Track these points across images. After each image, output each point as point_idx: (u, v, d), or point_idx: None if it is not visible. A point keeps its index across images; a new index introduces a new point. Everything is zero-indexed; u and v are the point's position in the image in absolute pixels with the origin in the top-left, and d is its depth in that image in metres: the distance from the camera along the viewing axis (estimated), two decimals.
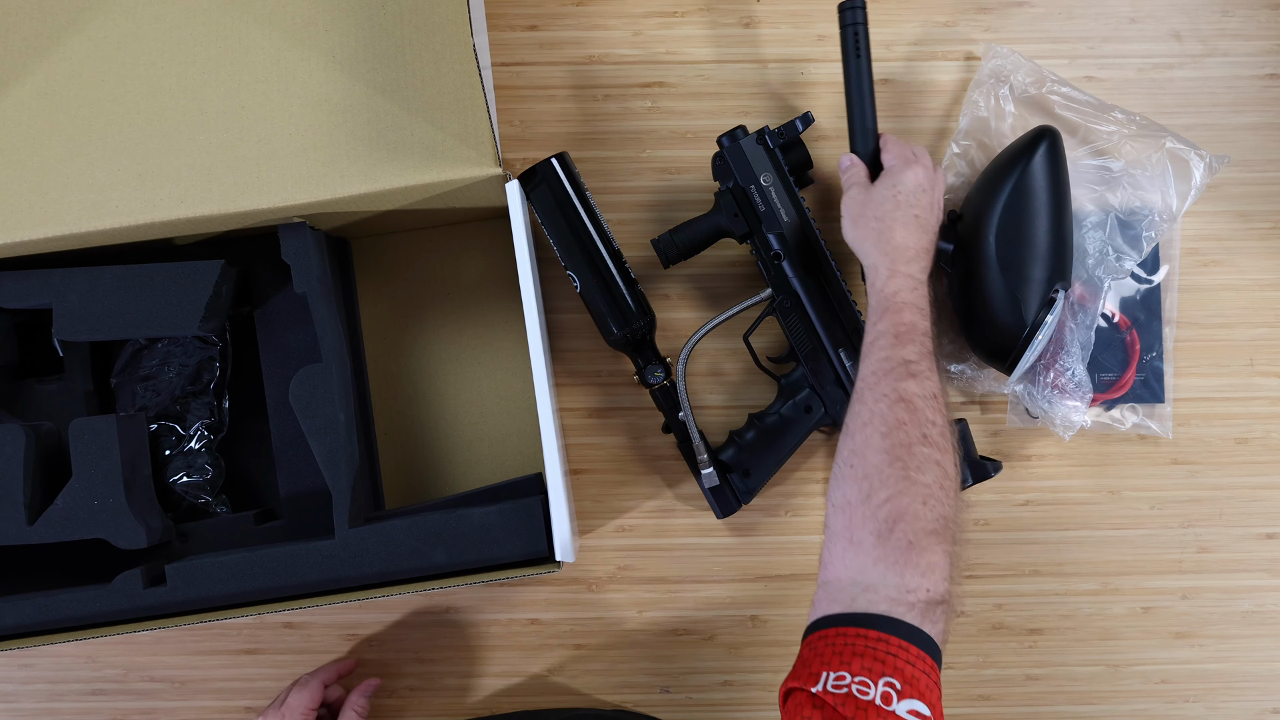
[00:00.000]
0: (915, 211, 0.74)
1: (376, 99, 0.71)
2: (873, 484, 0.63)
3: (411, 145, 0.71)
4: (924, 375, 0.67)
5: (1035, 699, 0.88)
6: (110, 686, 0.87)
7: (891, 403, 0.65)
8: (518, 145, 0.88)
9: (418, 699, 0.87)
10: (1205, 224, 0.88)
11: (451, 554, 0.71)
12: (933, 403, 0.66)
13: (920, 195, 0.75)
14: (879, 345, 0.69)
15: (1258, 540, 0.88)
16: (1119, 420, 0.86)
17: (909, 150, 0.78)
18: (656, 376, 0.82)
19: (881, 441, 0.64)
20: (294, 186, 0.70)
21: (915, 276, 0.72)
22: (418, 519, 0.72)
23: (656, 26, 0.88)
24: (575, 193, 0.81)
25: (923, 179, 0.76)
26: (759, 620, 0.88)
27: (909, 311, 0.70)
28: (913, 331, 0.69)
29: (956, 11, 0.88)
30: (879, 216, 0.74)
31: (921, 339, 0.69)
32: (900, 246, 0.73)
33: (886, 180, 0.76)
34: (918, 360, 0.67)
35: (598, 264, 0.81)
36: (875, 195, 0.75)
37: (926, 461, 0.63)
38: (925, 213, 0.75)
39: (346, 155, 0.71)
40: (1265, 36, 0.88)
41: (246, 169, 0.71)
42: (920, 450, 0.64)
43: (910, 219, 0.74)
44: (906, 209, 0.74)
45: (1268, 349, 0.88)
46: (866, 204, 0.75)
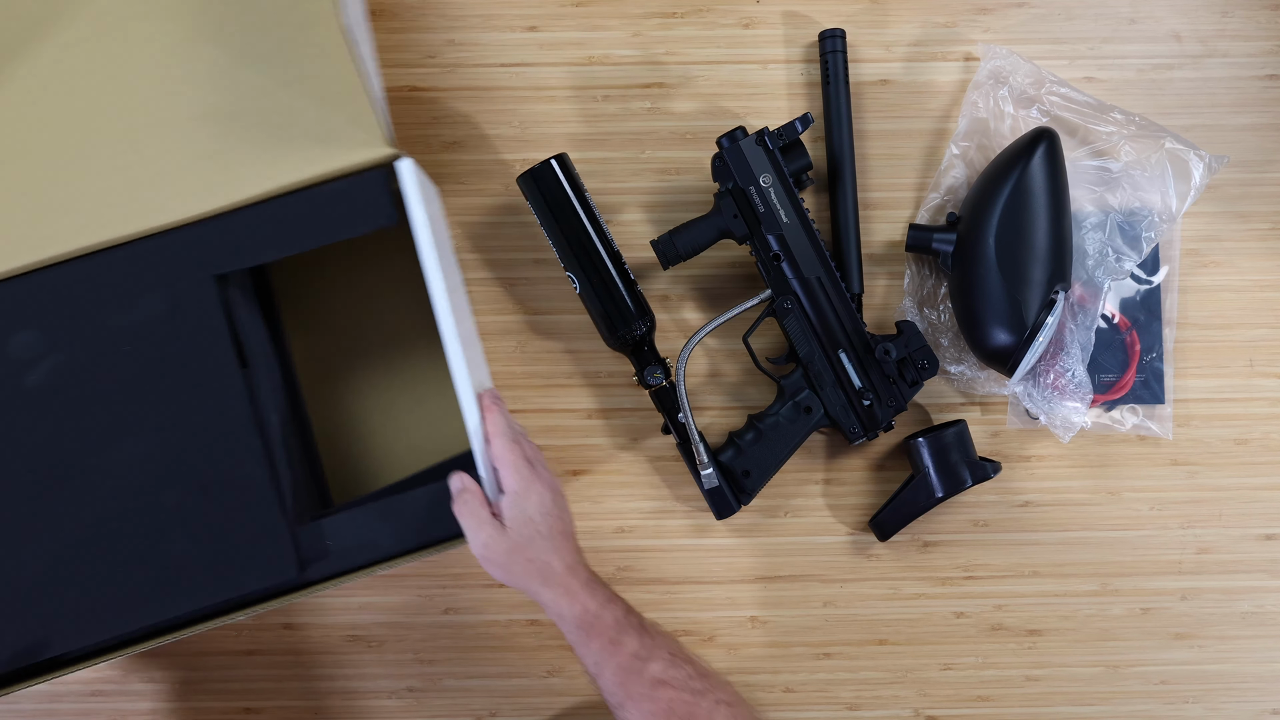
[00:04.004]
0: (559, 530, 0.71)
1: (262, 101, 0.71)
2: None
3: (302, 140, 0.71)
4: (655, 651, 0.70)
5: (1035, 700, 0.88)
6: (110, 687, 0.87)
7: (652, 696, 0.69)
8: (517, 146, 0.88)
9: (418, 699, 0.87)
10: (1205, 224, 0.88)
11: (400, 538, 0.72)
12: (676, 663, 0.70)
13: (551, 513, 0.71)
14: (605, 659, 0.70)
15: (1257, 541, 0.88)
16: (1119, 421, 0.87)
17: (520, 459, 0.71)
18: (656, 378, 0.82)
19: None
20: (192, 199, 0.70)
21: (585, 579, 0.71)
22: (361, 509, 0.72)
23: (656, 27, 0.88)
24: (574, 194, 0.81)
25: (547, 498, 0.71)
26: (759, 621, 0.88)
27: (605, 612, 0.70)
28: (619, 625, 0.70)
29: (956, 12, 0.88)
30: (530, 559, 0.69)
31: (626, 622, 0.71)
32: (563, 570, 0.70)
33: (517, 515, 0.69)
34: (640, 645, 0.70)
35: (597, 265, 0.81)
36: (515, 537, 0.69)
37: (712, 709, 0.70)
38: (563, 523, 0.72)
39: (239, 160, 0.70)
40: (1265, 37, 0.88)
41: (142, 190, 0.70)
42: (700, 707, 0.69)
43: (559, 542, 0.71)
44: (549, 537, 0.70)
45: (1267, 350, 0.88)
46: (511, 550, 0.69)
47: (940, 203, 0.87)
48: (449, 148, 0.88)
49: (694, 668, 0.71)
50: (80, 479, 0.70)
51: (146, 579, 0.70)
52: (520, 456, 0.71)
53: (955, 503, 0.87)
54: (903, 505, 0.84)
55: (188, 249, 0.71)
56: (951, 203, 0.87)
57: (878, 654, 0.88)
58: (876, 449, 0.88)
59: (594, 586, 0.71)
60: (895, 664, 0.88)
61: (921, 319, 0.86)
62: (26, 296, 0.70)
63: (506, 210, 0.88)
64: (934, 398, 0.88)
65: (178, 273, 0.71)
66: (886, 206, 0.88)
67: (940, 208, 0.87)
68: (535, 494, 0.70)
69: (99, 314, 0.71)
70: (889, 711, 0.88)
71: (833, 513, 0.88)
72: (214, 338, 0.71)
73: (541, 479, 0.71)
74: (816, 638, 0.88)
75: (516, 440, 0.71)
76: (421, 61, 0.88)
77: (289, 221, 0.71)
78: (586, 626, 0.70)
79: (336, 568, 0.72)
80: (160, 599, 0.70)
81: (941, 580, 0.88)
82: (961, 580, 0.88)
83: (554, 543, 0.70)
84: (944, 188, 0.86)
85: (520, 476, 0.70)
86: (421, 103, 0.88)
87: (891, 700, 0.88)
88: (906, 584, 0.88)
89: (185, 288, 0.71)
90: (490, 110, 0.88)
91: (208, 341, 0.71)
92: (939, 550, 0.88)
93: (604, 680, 0.70)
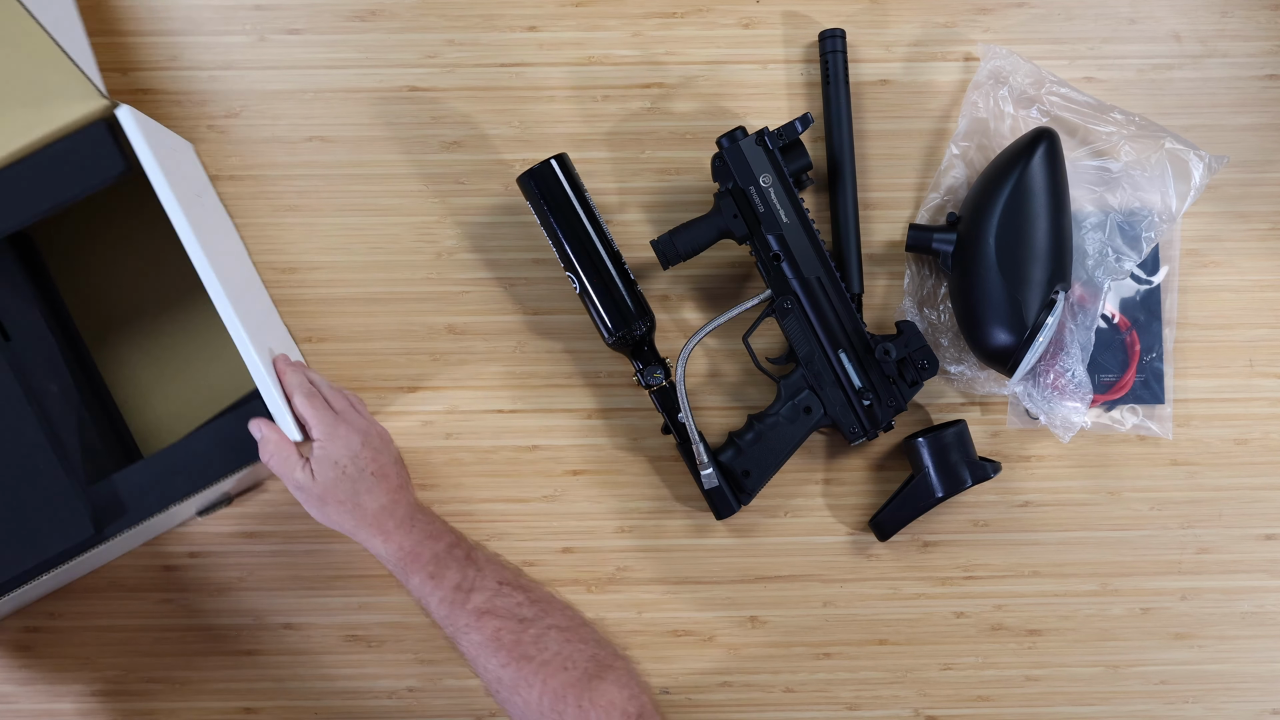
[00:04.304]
0: (371, 472, 0.72)
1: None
2: (524, 695, 0.69)
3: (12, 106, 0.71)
4: (479, 582, 0.72)
5: (1035, 700, 0.88)
6: (109, 687, 0.87)
7: (478, 626, 0.70)
8: (517, 146, 0.88)
9: (418, 700, 0.87)
10: (1205, 224, 0.88)
11: (192, 479, 0.74)
12: (503, 592, 0.72)
13: (359, 455, 0.72)
14: (427, 593, 0.71)
15: (1257, 541, 0.88)
16: (1119, 421, 0.87)
17: (321, 409, 0.73)
18: (656, 378, 0.82)
19: (498, 659, 0.70)
20: None
21: (402, 518, 0.73)
22: (152, 459, 0.74)
23: (656, 27, 0.88)
24: (574, 194, 0.81)
25: (355, 441, 0.72)
26: (759, 621, 0.88)
27: (423, 547, 0.72)
28: (439, 559, 0.72)
29: (956, 12, 0.88)
30: (340, 500, 0.71)
31: (448, 555, 0.72)
32: (375, 511, 0.72)
33: (323, 460, 0.71)
34: (463, 577, 0.72)
35: (597, 265, 0.81)
36: (323, 480, 0.71)
37: (540, 636, 0.70)
38: (376, 464, 0.73)
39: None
40: (1265, 37, 0.88)
41: None
42: (527, 634, 0.70)
43: (369, 484, 0.72)
44: (358, 478, 0.72)
45: (1267, 350, 0.88)
46: (323, 494, 0.71)
47: (940, 203, 0.87)
48: (449, 148, 0.88)
49: (525, 595, 0.72)
50: None
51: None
52: (320, 407, 0.73)
53: (955, 503, 0.87)
54: (903, 505, 0.84)
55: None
56: (951, 203, 0.87)
57: (878, 654, 0.88)
58: (876, 449, 0.88)
59: (412, 523, 0.73)
60: (895, 664, 0.88)
61: (921, 319, 0.86)
62: None
63: (506, 210, 0.88)
64: (934, 398, 0.88)
65: None
66: (886, 206, 0.88)
67: (940, 208, 0.87)
68: (340, 439, 0.72)
69: None
70: (889, 711, 0.88)
71: (833, 513, 0.88)
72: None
73: (349, 423, 0.73)
74: (816, 638, 0.88)
75: (313, 394, 0.74)
76: (421, 61, 0.88)
77: (19, 188, 0.72)
78: (404, 562, 0.72)
79: (134, 517, 0.73)
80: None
81: (941, 580, 0.88)
82: (961, 580, 0.88)
83: (363, 484, 0.72)
84: (944, 188, 0.86)
85: (323, 425, 0.72)
86: (421, 103, 0.88)
87: (891, 700, 0.88)
88: (906, 584, 0.88)
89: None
90: (490, 110, 0.88)
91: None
92: (939, 550, 0.88)
93: (432, 614, 0.72)
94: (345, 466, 0.72)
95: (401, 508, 0.73)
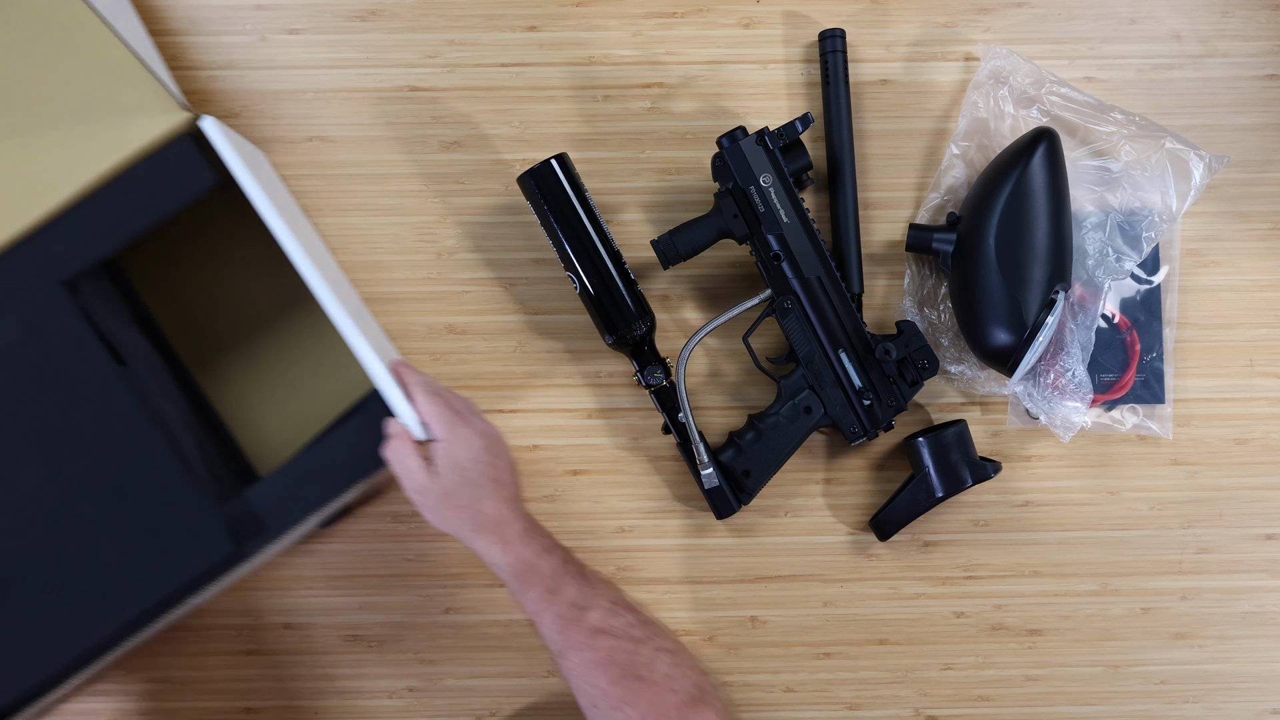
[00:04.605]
0: (491, 477, 0.71)
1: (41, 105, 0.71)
2: (626, 714, 0.68)
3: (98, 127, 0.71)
4: (594, 600, 0.71)
5: (1035, 699, 0.88)
6: (110, 687, 0.87)
7: (591, 644, 0.69)
8: (517, 146, 0.88)
9: (418, 700, 0.87)
10: (1205, 224, 0.88)
11: (325, 488, 0.72)
12: (616, 611, 0.71)
13: (481, 460, 0.70)
14: (543, 607, 0.70)
15: (1258, 541, 0.88)
16: (1119, 421, 0.87)
17: (445, 409, 0.71)
18: (656, 378, 0.82)
19: (607, 676, 0.69)
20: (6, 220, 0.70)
21: (520, 529, 0.71)
22: (281, 471, 0.72)
23: (656, 27, 0.88)
24: (575, 193, 0.81)
25: (477, 444, 0.70)
26: (759, 621, 0.88)
27: (542, 562, 0.71)
28: (557, 574, 0.71)
29: (956, 12, 0.88)
30: (461, 505, 0.70)
31: (564, 571, 0.71)
32: (495, 519, 0.70)
33: (447, 461, 0.70)
34: (579, 594, 0.71)
35: (597, 265, 0.81)
36: (446, 483, 0.69)
37: (652, 657, 0.69)
38: (495, 470, 0.71)
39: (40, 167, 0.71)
40: (1265, 37, 0.88)
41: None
42: (640, 654, 0.69)
43: (489, 489, 0.70)
44: (479, 484, 0.70)
45: (1268, 350, 0.88)
46: (443, 496, 0.70)
47: (940, 203, 0.87)
48: (449, 148, 0.88)
49: (635, 616, 0.71)
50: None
51: (86, 595, 0.70)
52: (444, 407, 0.71)
53: (955, 503, 0.87)
54: (903, 505, 0.84)
55: (21, 266, 0.71)
56: (951, 203, 0.87)
57: (878, 654, 0.88)
58: (876, 449, 0.88)
59: (530, 535, 0.71)
60: (895, 664, 0.88)
61: (921, 319, 0.86)
62: None
63: (506, 210, 0.88)
64: (934, 398, 0.88)
65: (20, 291, 0.71)
66: (886, 206, 0.88)
67: (940, 208, 0.87)
68: (463, 441, 0.70)
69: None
70: (889, 711, 0.88)
71: (833, 513, 0.88)
72: (81, 343, 0.71)
73: (471, 426, 0.71)
74: (816, 638, 0.88)
75: (437, 393, 0.72)
76: (421, 61, 0.88)
77: (112, 210, 0.71)
78: (522, 575, 0.70)
79: (273, 532, 0.72)
80: (105, 610, 0.70)
81: (941, 580, 0.88)
82: (961, 580, 0.88)
83: (485, 489, 0.70)
84: (944, 188, 0.86)
85: (447, 426, 0.70)
86: (421, 103, 0.88)
87: (891, 700, 0.88)
88: (906, 584, 0.88)
89: (34, 304, 0.71)
90: (490, 110, 0.88)
91: (76, 349, 0.71)
92: (939, 550, 0.88)
93: (544, 629, 0.70)
94: (467, 469, 0.70)
95: (520, 518, 0.72)
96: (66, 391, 0.71)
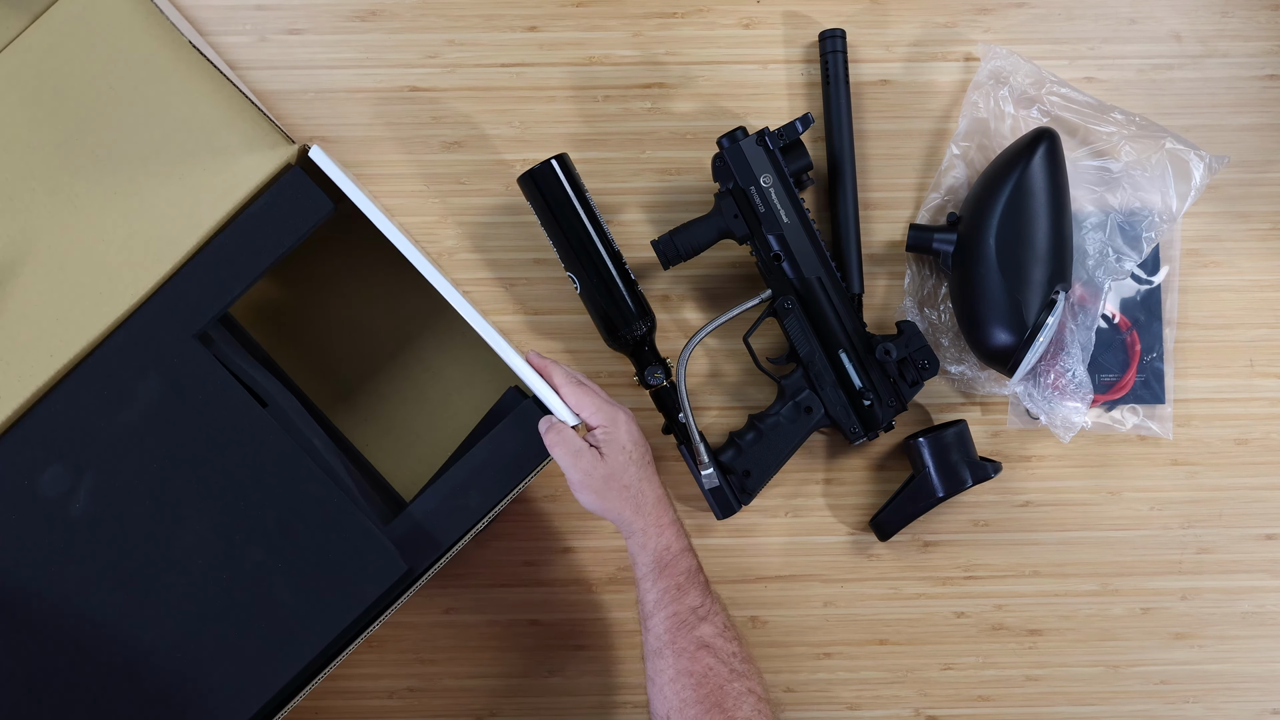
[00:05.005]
0: (649, 459, 0.73)
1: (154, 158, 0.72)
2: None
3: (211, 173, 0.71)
4: (712, 614, 0.71)
5: (1035, 700, 0.88)
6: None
7: (694, 654, 0.69)
8: (517, 146, 0.88)
9: (418, 700, 0.87)
10: (1205, 224, 0.88)
11: (485, 494, 0.72)
12: (727, 635, 0.71)
13: (641, 443, 0.73)
14: (665, 601, 0.70)
15: (1258, 541, 0.88)
16: (1119, 421, 0.87)
17: (601, 400, 0.73)
18: (656, 378, 0.82)
19: (695, 693, 0.68)
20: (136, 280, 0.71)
21: (673, 519, 0.72)
22: (437, 485, 0.72)
23: (656, 27, 0.88)
24: (575, 194, 0.81)
25: (633, 427, 0.73)
26: (759, 621, 0.88)
27: (683, 558, 0.71)
28: (691, 575, 0.71)
29: (956, 12, 0.88)
30: (626, 485, 0.71)
31: (698, 577, 0.72)
32: (654, 501, 0.72)
33: (611, 443, 0.71)
34: (702, 603, 0.71)
35: (598, 265, 0.81)
36: (613, 464, 0.71)
37: (741, 695, 0.68)
38: (648, 455, 0.74)
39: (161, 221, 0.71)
40: (1265, 37, 0.88)
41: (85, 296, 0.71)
42: (732, 687, 0.68)
43: (649, 471, 0.73)
44: (642, 465, 0.72)
45: (1268, 350, 0.88)
46: (609, 476, 0.71)
47: (940, 203, 0.87)
48: (449, 148, 0.88)
49: (741, 649, 0.71)
50: (164, 579, 0.70)
51: (269, 638, 0.70)
52: (592, 393, 0.73)
53: (955, 503, 0.87)
54: (903, 505, 0.84)
55: (157, 324, 0.71)
56: (952, 203, 0.87)
57: (878, 654, 0.88)
58: (877, 449, 0.88)
59: (680, 527, 0.72)
60: (895, 664, 0.88)
61: (922, 319, 0.86)
62: (33, 435, 0.70)
63: (506, 210, 0.88)
64: (934, 398, 0.88)
65: (158, 349, 0.71)
66: (887, 206, 0.88)
67: (940, 208, 0.87)
68: (623, 424, 0.72)
69: (107, 421, 0.70)
70: (889, 711, 0.88)
71: (833, 513, 0.88)
72: (225, 391, 0.71)
73: (621, 409, 0.73)
74: (817, 638, 0.88)
75: (580, 380, 0.74)
76: (421, 61, 0.88)
77: (238, 251, 0.72)
78: (662, 564, 0.71)
79: (442, 544, 0.72)
80: (290, 649, 0.70)
81: (942, 580, 0.88)
82: (962, 580, 0.88)
83: (647, 470, 0.72)
84: (944, 188, 0.86)
85: (603, 412, 0.72)
86: (421, 103, 0.88)
87: (892, 700, 0.88)
88: (907, 584, 0.88)
89: (173, 358, 0.71)
90: (490, 110, 0.88)
91: (220, 397, 0.71)
92: (939, 550, 0.88)
93: (654, 621, 0.70)
94: (631, 451, 0.72)
95: (671, 507, 0.73)
96: (218, 440, 0.71)
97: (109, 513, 0.70)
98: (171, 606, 0.70)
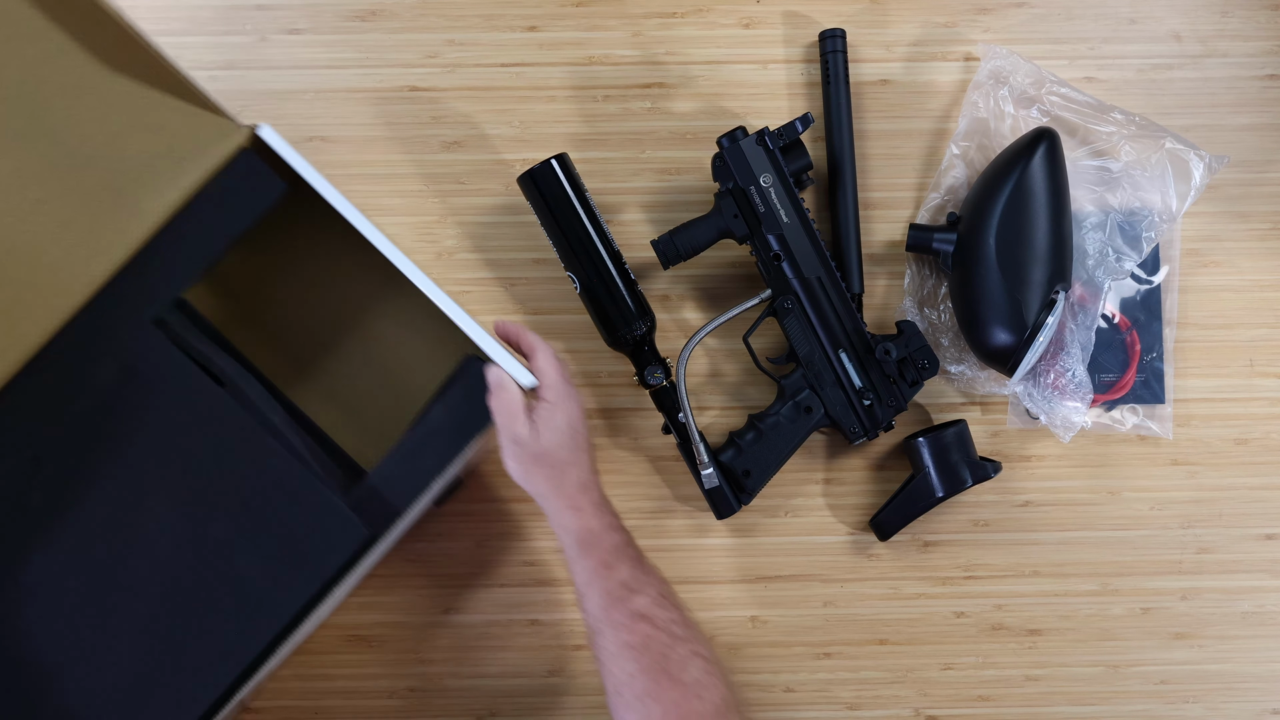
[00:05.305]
0: (584, 446, 0.73)
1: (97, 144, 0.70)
2: (648, 707, 0.67)
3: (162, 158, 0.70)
4: (645, 586, 0.71)
5: (1035, 700, 0.88)
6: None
7: (631, 626, 0.69)
8: (517, 146, 0.88)
9: (418, 700, 0.87)
10: (1205, 224, 0.88)
11: (439, 455, 0.72)
12: (663, 603, 0.70)
13: (580, 428, 0.73)
14: (595, 581, 0.70)
15: (1258, 541, 0.88)
16: (1119, 421, 0.87)
17: (563, 374, 0.73)
18: (656, 378, 0.82)
19: (638, 664, 0.68)
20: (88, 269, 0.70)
21: (594, 500, 0.72)
22: (394, 452, 0.73)
23: (656, 27, 0.88)
24: (575, 193, 0.81)
25: (576, 413, 0.72)
26: (759, 620, 0.88)
27: (607, 535, 0.71)
28: (617, 551, 0.71)
29: (956, 12, 0.88)
30: (552, 463, 0.71)
31: (626, 551, 0.72)
32: (575, 483, 0.71)
33: (548, 422, 0.71)
34: (631, 575, 0.71)
35: (597, 265, 0.81)
36: (545, 440, 0.71)
37: (686, 658, 0.69)
38: (587, 440, 0.73)
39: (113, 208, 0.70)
40: (1265, 37, 0.88)
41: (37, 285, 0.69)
42: (675, 652, 0.69)
43: (581, 456, 0.72)
44: (574, 449, 0.72)
45: (1268, 350, 0.88)
46: (539, 452, 0.71)
47: (940, 203, 0.87)
48: (449, 148, 0.88)
49: (679, 614, 0.71)
50: (130, 563, 0.70)
51: (237, 611, 0.70)
52: (562, 370, 0.73)
53: (955, 503, 0.87)
54: (903, 505, 0.84)
55: (111, 312, 0.71)
56: (952, 203, 0.87)
57: (878, 654, 0.88)
58: (876, 449, 0.88)
59: (602, 508, 0.72)
60: (895, 664, 0.88)
61: (922, 319, 0.86)
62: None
63: (506, 210, 0.88)
64: (934, 398, 0.88)
65: (113, 336, 0.71)
66: (886, 206, 0.88)
67: (940, 208, 0.87)
68: (572, 401, 0.72)
69: (62, 409, 0.71)
70: (889, 711, 0.88)
71: (833, 512, 0.88)
72: (182, 373, 0.71)
73: (576, 396, 0.73)
74: (816, 638, 0.88)
75: (556, 356, 0.74)
76: (421, 61, 0.88)
77: (192, 236, 0.72)
78: (584, 544, 0.71)
79: (399, 506, 0.72)
80: (258, 620, 0.70)
81: (941, 580, 0.88)
82: (961, 580, 0.88)
83: (578, 456, 0.72)
84: (944, 188, 0.86)
85: (558, 389, 0.72)
86: (421, 103, 0.88)
87: (891, 700, 0.88)
88: (907, 584, 0.88)
89: (129, 344, 0.71)
90: (490, 110, 0.88)
91: (178, 379, 0.71)
92: (939, 550, 0.88)
93: (588, 602, 0.71)
94: (565, 433, 0.71)
95: (596, 489, 0.73)
96: (177, 422, 0.71)
97: (68, 502, 0.70)
98: (139, 589, 0.70)
